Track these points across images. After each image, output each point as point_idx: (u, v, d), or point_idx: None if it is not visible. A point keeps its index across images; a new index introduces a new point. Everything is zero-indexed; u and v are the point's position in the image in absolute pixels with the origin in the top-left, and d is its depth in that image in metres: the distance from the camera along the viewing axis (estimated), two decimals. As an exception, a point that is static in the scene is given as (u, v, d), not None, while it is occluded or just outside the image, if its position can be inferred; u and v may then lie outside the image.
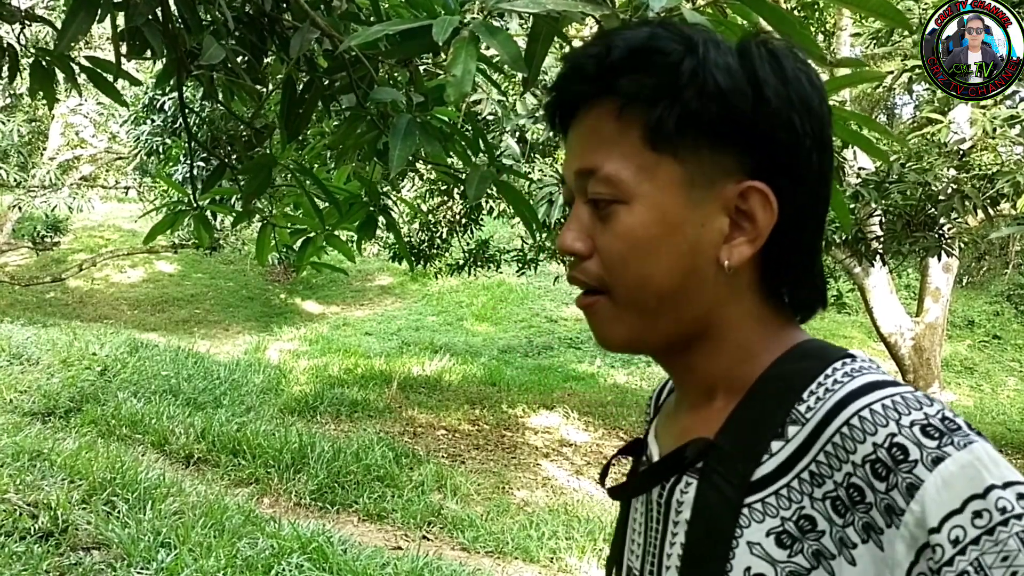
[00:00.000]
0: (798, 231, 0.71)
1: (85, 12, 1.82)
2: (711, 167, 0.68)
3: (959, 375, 15.45)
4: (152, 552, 3.89)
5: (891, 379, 0.64)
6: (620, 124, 0.69)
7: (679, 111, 0.67)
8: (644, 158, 0.69)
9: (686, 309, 0.71)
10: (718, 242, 0.69)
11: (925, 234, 6.83)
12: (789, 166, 0.69)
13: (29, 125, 12.96)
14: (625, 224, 0.69)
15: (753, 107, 0.67)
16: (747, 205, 0.68)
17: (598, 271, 0.72)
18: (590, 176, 0.71)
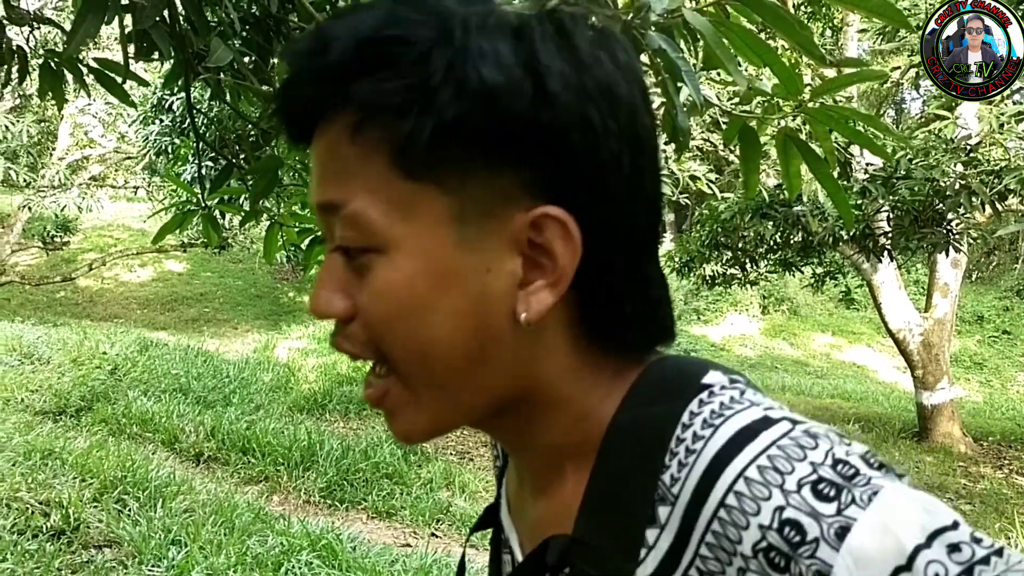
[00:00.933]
0: (618, 257, 0.55)
1: (93, 15, 1.83)
2: (487, 193, 0.51)
3: (968, 371, 15.40)
4: (163, 550, 3.92)
5: (759, 415, 0.50)
6: (360, 145, 0.52)
7: (433, 122, 0.50)
8: (397, 190, 0.51)
9: (489, 378, 0.55)
10: (511, 290, 0.53)
11: (933, 230, 6.82)
12: (591, 179, 0.52)
13: (38, 126, 13.04)
14: (383, 280, 0.53)
15: (534, 106, 0.50)
16: (542, 238, 0.52)
17: (366, 337, 0.55)
18: (333, 214, 0.54)
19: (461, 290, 0.52)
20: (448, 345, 0.53)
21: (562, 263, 0.52)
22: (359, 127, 0.52)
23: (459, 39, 0.50)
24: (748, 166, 1.85)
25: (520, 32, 0.52)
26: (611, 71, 0.53)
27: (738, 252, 8.95)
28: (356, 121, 0.52)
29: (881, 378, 15.21)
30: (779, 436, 0.48)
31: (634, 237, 0.55)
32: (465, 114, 0.49)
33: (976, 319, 17.78)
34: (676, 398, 0.53)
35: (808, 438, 0.48)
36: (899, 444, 8.84)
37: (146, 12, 1.95)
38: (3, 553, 3.64)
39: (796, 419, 0.50)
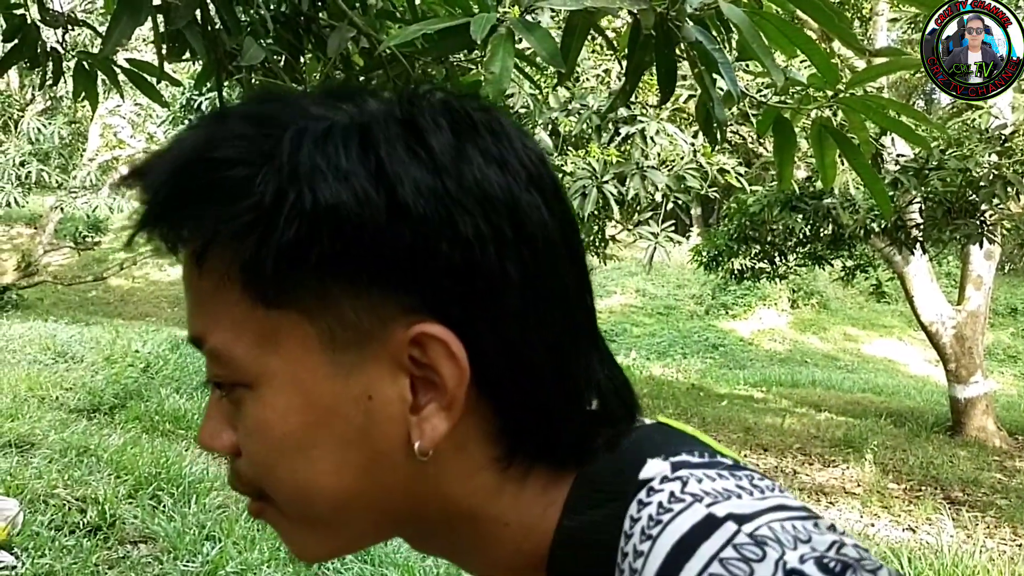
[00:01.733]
0: (525, 367, 0.48)
1: (128, 16, 1.85)
2: (358, 315, 0.46)
3: (1002, 364, 15.18)
4: (197, 545, 3.95)
5: (700, 516, 0.43)
6: (208, 277, 0.47)
7: (276, 249, 0.44)
8: (256, 321, 0.47)
9: (390, 509, 0.50)
10: (401, 416, 0.47)
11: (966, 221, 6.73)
12: (473, 292, 0.46)
13: (69, 127, 13.21)
14: (254, 417, 0.48)
15: (388, 221, 0.44)
16: (427, 357, 0.46)
17: (250, 475, 0.50)
18: (200, 348, 0.50)
19: (343, 422, 0.47)
20: (332, 482, 0.48)
21: (450, 385, 0.46)
22: (201, 258, 0.47)
23: (288, 155, 0.44)
24: (783, 157, 1.83)
25: (365, 139, 0.46)
26: (480, 168, 0.47)
27: (767, 246, 8.88)
28: (198, 252, 0.47)
29: (913, 372, 15.03)
30: (719, 547, 0.42)
31: (547, 342, 0.48)
32: (308, 236, 0.44)
33: (1010, 311, 17.52)
34: (616, 499, 0.47)
35: (754, 547, 0.41)
36: (932, 439, 8.72)
37: (179, 12, 1.97)
38: (41, 549, 3.69)
39: (744, 514, 0.43)
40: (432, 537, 0.54)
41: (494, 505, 0.50)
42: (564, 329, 0.49)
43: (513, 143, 0.49)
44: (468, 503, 0.50)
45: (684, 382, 12.54)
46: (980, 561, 4.49)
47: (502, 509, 0.50)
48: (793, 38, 1.51)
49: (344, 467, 0.48)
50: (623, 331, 16.78)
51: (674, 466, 0.47)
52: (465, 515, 0.51)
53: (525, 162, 0.49)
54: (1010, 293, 17.88)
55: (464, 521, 0.51)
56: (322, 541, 0.52)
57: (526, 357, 0.48)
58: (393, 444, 0.47)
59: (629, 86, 1.84)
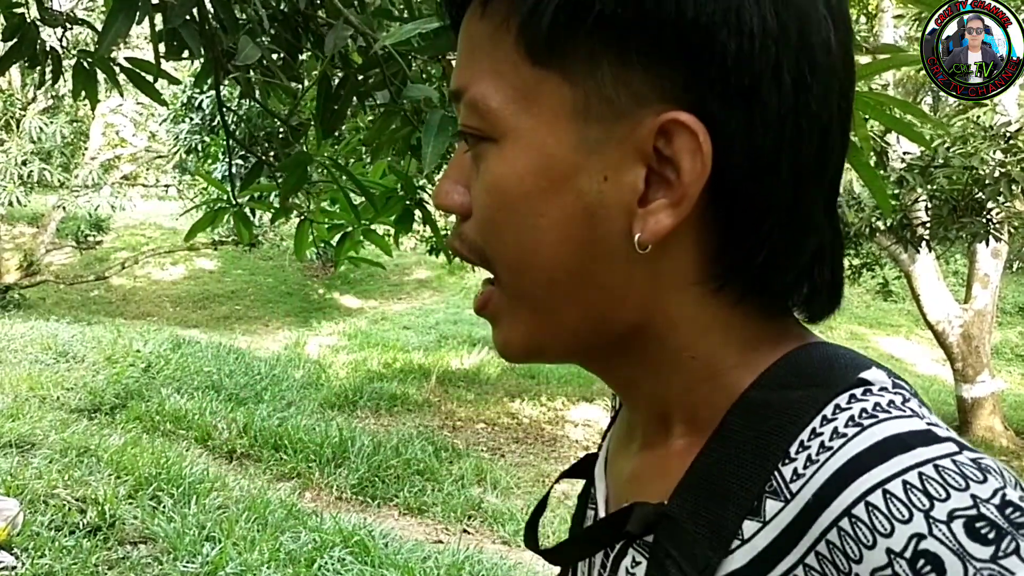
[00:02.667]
0: (767, 189, 0.46)
1: (124, 15, 1.83)
2: (617, 90, 0.45)
3: (1010, 363, 15.12)
4: (197, 546, 3.94)
5: (921, 427, 0.41)
6: (488, 23, 0.48)
7: (558, 2, 0.44)
8: (521, 76, 0.47)
9: (594, 301, 0.49)
10: (629, 205, 0.46)
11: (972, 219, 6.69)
12: (740, 89, 0.44)
13: (71, 126, 13.22)
14: (493, 172, 0.48)
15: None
16: (671, 149, 0.45)
17: (474, 237, 0.51)
18: (459, 100, 0.51)
19: (574, 196, 0.46)
20: (551, 254, 0.48)
21: (686, 180, 0.45)
22: (487, 4, 0.48)
23: None
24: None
25: None
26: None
27: (771, 244, 8.84)
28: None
29: (919, 371, 14.98)
30: (939, 456, 0.40)
31: (793, 169, 0.46)
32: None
33: (1017, 310, 17.45)
34: (823, 386, 0.45)
35: (975, 469, 0.39)
36: (937, 438, 8.69)
37: (176, 11, 1.95)
38: (41, 549, 3.69)
39: (967, 445, 0.41)
40: (614, 357, 0.53)
41: (691, 334, 0.50)
42: (814, 164, 0.47)
43: None
44: (668, 317, 0.49)
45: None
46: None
47: (696, 342, 0.50)
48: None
49: (564, 241, 0.47)
50: (627, 330, 16.75)
51: (896, 384, 0.46)
52: (658, 331, 0.50)
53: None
54: (1018, 292, 17.82)
55: (653, 339, 0.50)
56: (530, 329, 0.51)
57: (770, 176, 0.46)
58: (614, 231, 0.47)
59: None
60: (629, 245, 0.46)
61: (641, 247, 0.46)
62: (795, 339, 0.50)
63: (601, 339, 0.51)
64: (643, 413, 0.56)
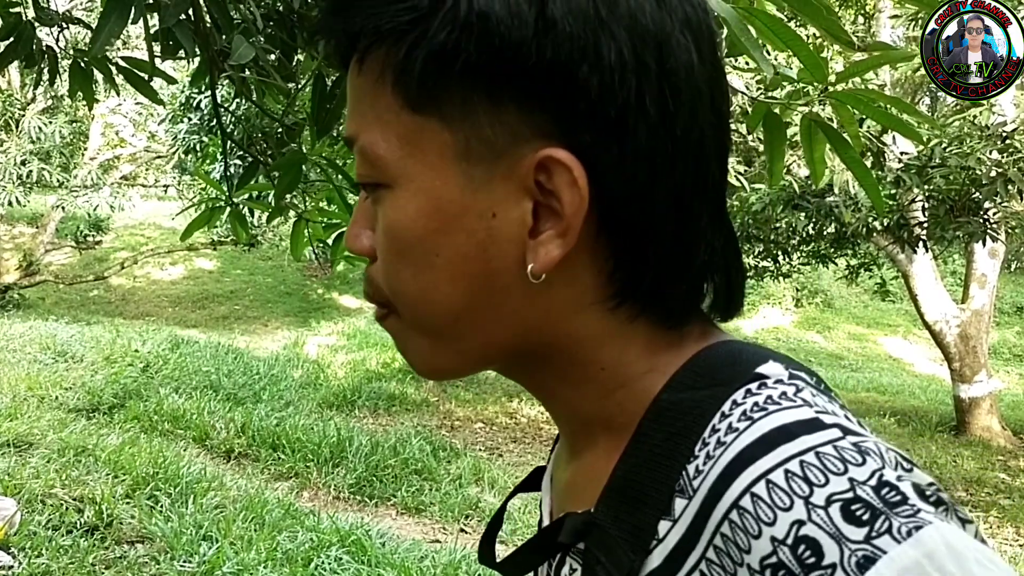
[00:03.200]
0: (646, 210, 0.48)
1: (118, 14, 1.84)
2: (494, 131, 0.47)
3: (1008, 363, 15.12)
4: (194, 545, 3.95)
5: (807, 415, 0.43)
6: (367, 76, 0.50)
7: (425, 52, 0.46)
8: (403, 123, 0.49)
9: (497, 328, 0.52)
10: (519, 238, 0.48)
11: (969, 219, 6.70)
12: (606, 121, 0.46)
13: (70, 126, 13.21)
14: (389, 217, 0.50)
15: (535, 36, 0.45)
16: (552, 183, 0.47)
17: (378, 278, 0.54)
18: (352, 149, 0.53)
19: (465, 234, 0.49)
20: (449, 290, 0.50)
21: (567, 212, 0.47)
22: (364, 56, 0.50)
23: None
24: (772, 153, 1.81)
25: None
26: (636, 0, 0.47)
27: (770, 244, 8.84)
28: (362, 50, 0.50)
29: (917, 371, 14.99)
30: (821, 443, 0.41)
31: (671, 190, 0.49)
32: (456, 43, 0.46)
33: (1015, 310, 17.46)
34: (722, 384, 0.48)
35: (855, 452, 0.41)
36: (936, 438, 8.70)
37: (170, 10, 1.95)
38: (38, 549, 3.69)
39: (852, 429, 0.43)
40: (528, 371, 0.55)
41: (596, 346, 0.52)
42: (692, 180, 0.50)
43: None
44: (572, 337, 0.51)
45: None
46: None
47: (603, 353, 0.52)
48: (780, 34, 1.49)
49: (461, 278, 0.50)
50: (626, 330, 16.77)
51: (792, 375, 0.48)
52: (565, 349, 0.52)
53: (684, 5, 0.49)
54: (1015, 292, 17.83)
55: (562, 356, 0.52)
56: (436, 353, 0.53)
57: (649, 199, 0.48)
58: (508, 264, 0.49)
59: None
60: (524, 275, 0.49)
61: (535, 277, 0.48)
62: (702, 340, 0.53)
63: (510, 359, 0.54)
64: (568, 425, 0.58)
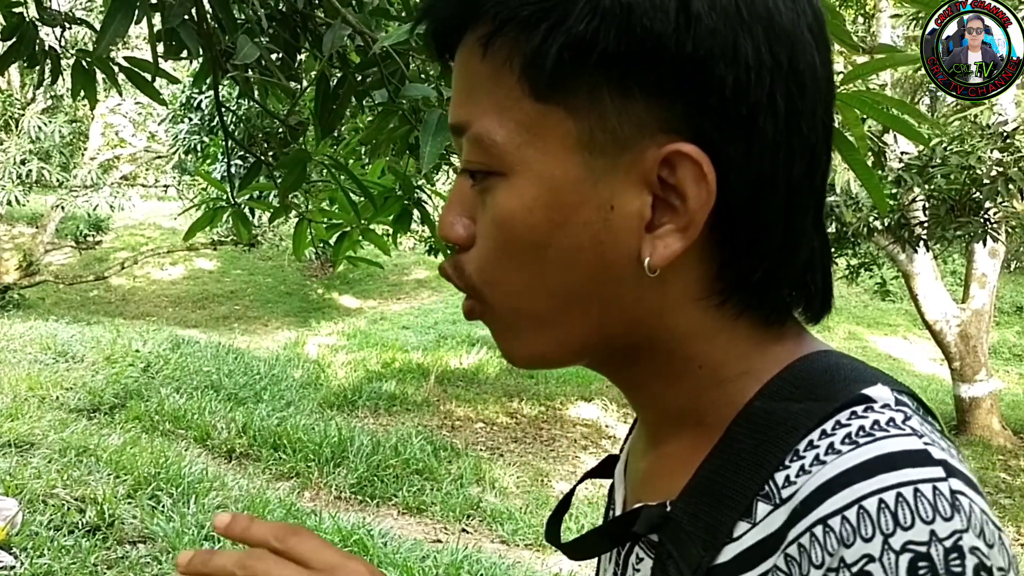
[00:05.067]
0: (765, 209, 0.49)
1: (123, 14, 1.83)
2: (620, 122, 0.47)
3: (1008, 363, 15.12)
4: (196, 545, 3.94)
5: (915, 446, 0.43)
6: (490, 61, 0.49)
7: (563, 40, 0.46)
8: (524, 111, 0.48)
9: (604, 319, 0.51)
10: (636, 231, 0.48)
11: (970, 219, 6.70)
12: (737, 118, 0.47)
13: (70, 126, 13.19)
14: (501, 206, 0.50)
15: (675, 29, 0.45)
16: (675, 177, 0.47)
17: (472, 268, 0.53)
18: (461, 135, 0.52)
19: (582, 225, 0.49)
20: (558, 280, 0.50)
21: (692, 207, 0.47)
22: (490, 42, 0.49)
23: None
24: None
25: None
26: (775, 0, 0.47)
27: (769, 244, 8.84)
28: (487, 35, 0.49)
29: (917, 370, 14.99)
30: (922, 479, 0.41)
31: (787, 189, 0.49)
32: (596, 32, 0.45)
33: (1015, 310, 17.46)
34: (822, 400, 0.47)
35: (948, 503, 0.40)
36: (935, 437, 8.69)
37: (174, 10, 1.95)
38: (40, 549, 3.69)
39: (957, 469, 0.42)
40: (624, 364, 0.55)
41: (698, 344, 0.52)
42: (804, 181, 0.50)
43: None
44: (676, 332, 0.52)
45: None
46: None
47: (703, 352, 0.52)
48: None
49: (572, 270, 0.50)
50: (626, 330, 16.76)
51: (898, 400, 0.47)
52: (666, 344, 0.52)
53: (812, 6, 0.49)
54: (1015, 291, 17.83)
55: (663, 351, 0.53)
56: (537, 341, 0.53)
57: (766, 197, 0.49)
58: (623, 256, 0.49)
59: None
60: (638, 268, 0.49)
61: (651, 271, 0.48)
62: (798, 348, 0.53)
63: (609, 350, 0.54)
64: (652, 416, 0.58)
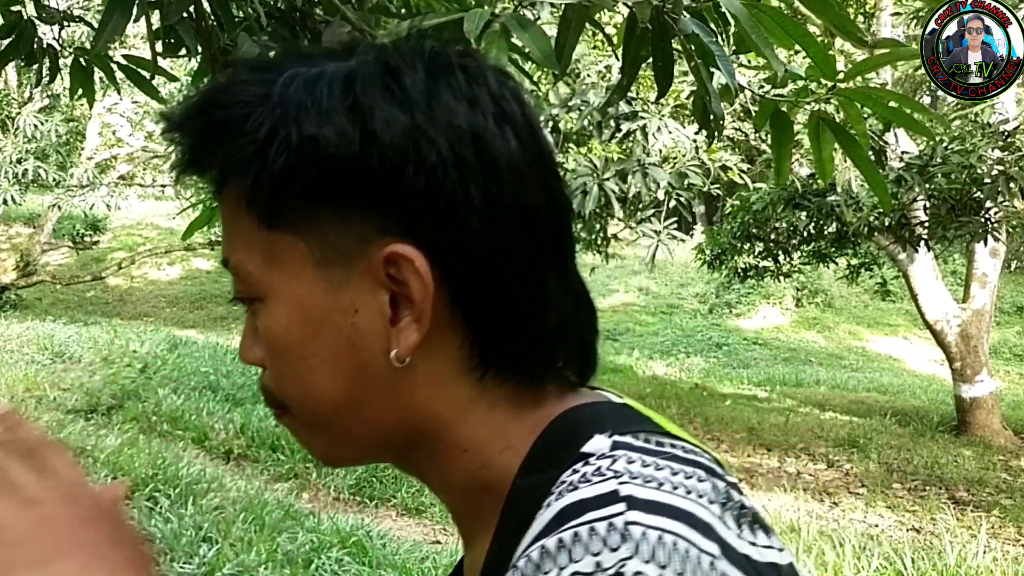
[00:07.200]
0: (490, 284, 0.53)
1: (120, 11, 1.83)
2: (343, 236, 0.52)
3: (1008, 362, 15.13)
4: (194, 547, 3.93)
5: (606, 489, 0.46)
6: (227, 203, 0.55)
7: (269, 177, 0.51)
8: (263, 241, 0.54)
9: (376, 414, 0.56)
10: (383, 327, 0.53)
11: (971, 218, 6.70)
12: (437, 214, 0.51)
13: (67, 125, 13.17)
14: (265, 327, 0.55)
15: (361, 150, 0.51)
16: (400, 274, 0.52)
17: (268, 384, 0.58)
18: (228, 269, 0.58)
19: (334, 332, 0.54)
20: (328, 386, 0.55)
21: (416, 299, 0.52)
22: (220, 186, 0.55)
23: (280, 96, 0.52)
24: (780, 151, 1.80)
25: (347, 81, 0.52)
26: (449, 103, 0.52)
27: (770, 244, 8.84)
28: (218, 181, 0.55)
29: (918, 371, 15.00)
30: (600, 517, 0.44)
31: (510, 263, 0.54)
32: (293, 166, 0.51)
33: (1016, 310, 17.47)
34: (559, 465, 0.51)
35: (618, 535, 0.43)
36: (937, 438, 8.69)
37: (172, 8, 1.94)
38: (37, 551, 3.67)
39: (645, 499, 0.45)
40: (411, 459, 0.59)
41: (459, 424, 0.55)
42: (530, 251, 0.54)
43: (487, 81, 0.54)
44: (440, 417, 0.55)
45: (687, 381, 12.51)
46: (983, 561, 4.46)
47: (466, 431, 0.56)
48: (790, 30, 1.48)
49: (337, 374, 0.54)
50: (625, 330, 16.75)
51: (614, 445, 0.50)
52: (434, 433, 0.56)
53: (497, 98, 0.54)
54: (1016, 291, 17.84)
55: (432, 440, 0.56)
56: (330, 444, 0.59)
57: (491, 274, 0.53)
58: (376, 353, 0.53)
59: (626, 80, 1.81)
60: (391, 361, 0.53)
61: (399, 361, 0.53)
62: (558, 405, 0.56)
63: (392, 444, 0.58)
64: (450, 507, 0.62)
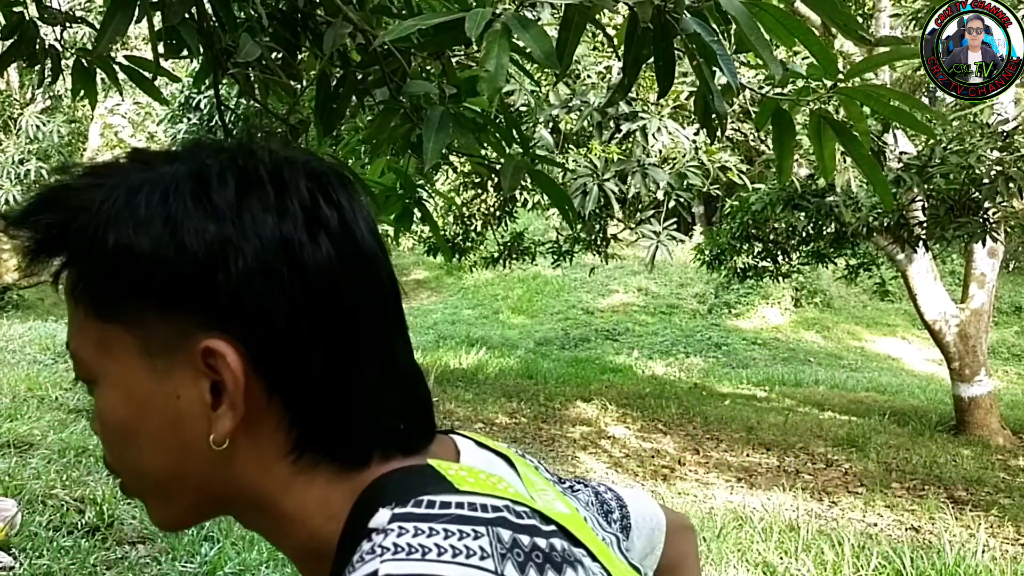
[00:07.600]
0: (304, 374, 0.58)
1: (122, 12, 1.83)
2: (164, 329, 0.57)
3: (1007, 362, 15.14)
4: (196, 546, 3.94)
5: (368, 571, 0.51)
6: (65, 294, 0.61)
7: (90, 277, 0.58)
8: (95, 329, 0.59)
9: (202, 489, 0.61)
10: (204, 413, 0.57)
11: (969, 219, 6.71)
12: (247, 313, 0.56)
13: (69, 126, 13.18)
14: (99, 408, 0.61)
15: (174, 256, 0.55)
16: (217, 365, 0.56)
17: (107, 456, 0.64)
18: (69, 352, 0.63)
19: (157, 415, 0.58)
20: (153, 462, 0.60)
21: (230, 389, 0.56)
22: (56, 278, 0.60)
23: (101, 205, 0.56)
24: (782, 150, 1.81)
25: (164, 192, 0.57)
26: (257, 215, 0.57)
27: (769, 244, 8.85)
28: (54, 275, 0.60)
29: (916, 370, 15.00)
30: None
31: (326, 354, 0.58)
32: (112, 270, 0.56)
33: (1014, 310, 17.48)
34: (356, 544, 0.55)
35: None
36: (935, 438, 8.70)
37: (174, 9, 1.95)
38: (39, 549, 3.68)
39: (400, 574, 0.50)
40: (250, 520, 0.64)
41: (285, 498, 0.60)
42: (346, 346, 0.59)
43: (299, 192, 0.58)
44: (263, 493, 0.60)
45: (687, 381, 12.52)
46: (982, 561, 4.46)
47: (290, 504, 0.60)
48: (791, 29, 1.49)
49: (160, 452, 0.59)
50: (625, 330, 16.75)
51: (393, 517, 0.55)
52: (260, 505, 0.60)
53: (308, 207, 0.58)
54: (1014, 291, 17.85)
55: (262, 510, 0.61)
56: (163, 511, 0.64)
57: (303, 367, 0.58)
58: (198, 436, 0.58)
59: (627, 80, 1.82)
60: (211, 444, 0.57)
61: (217, 445, 0.57)
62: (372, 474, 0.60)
63: (226, 510, 0.63)
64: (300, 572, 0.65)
